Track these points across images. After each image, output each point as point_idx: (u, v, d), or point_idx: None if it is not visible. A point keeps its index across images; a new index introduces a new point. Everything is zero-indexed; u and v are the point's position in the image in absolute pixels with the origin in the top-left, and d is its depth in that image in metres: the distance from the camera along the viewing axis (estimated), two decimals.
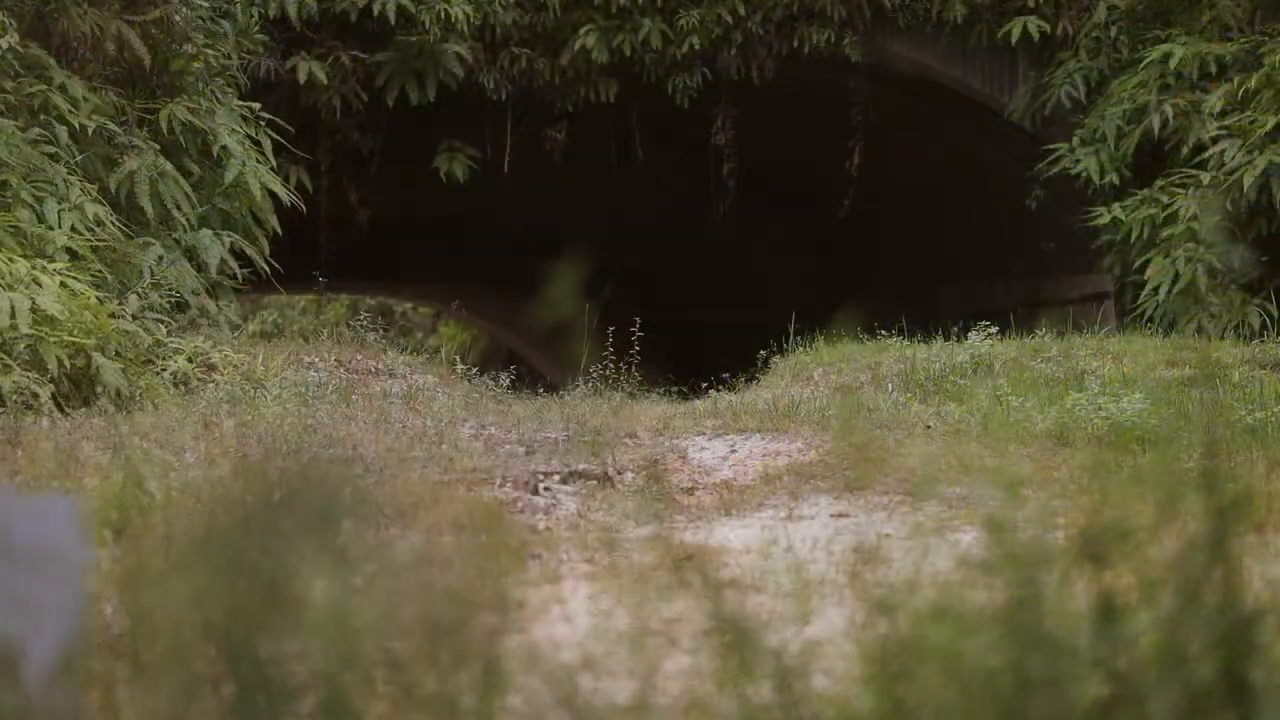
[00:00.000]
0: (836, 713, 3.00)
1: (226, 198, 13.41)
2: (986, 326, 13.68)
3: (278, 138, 14.42)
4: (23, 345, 9.78)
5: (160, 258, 12.39)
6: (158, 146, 13.01)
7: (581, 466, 9.06)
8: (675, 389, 14.77)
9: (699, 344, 25.07)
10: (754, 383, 13.82)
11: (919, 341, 14.08)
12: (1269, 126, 15.60)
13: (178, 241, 12.84)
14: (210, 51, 13.92)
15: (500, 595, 3.47)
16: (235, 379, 11.20)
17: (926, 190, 21.10)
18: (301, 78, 16.42)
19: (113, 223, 12.03)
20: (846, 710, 2.99)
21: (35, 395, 9.42)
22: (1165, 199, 16.25)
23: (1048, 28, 17.77)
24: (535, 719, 3.14)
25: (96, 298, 10.79)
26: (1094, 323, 16.01)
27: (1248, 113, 15.99)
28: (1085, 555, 2.97)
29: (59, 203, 11.68)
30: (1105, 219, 16.62)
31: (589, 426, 10.54)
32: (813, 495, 8.38)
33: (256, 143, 14.02)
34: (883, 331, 14.49)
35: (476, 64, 17.14)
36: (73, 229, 11.60)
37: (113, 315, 10.68)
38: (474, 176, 18.15)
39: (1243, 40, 16.71)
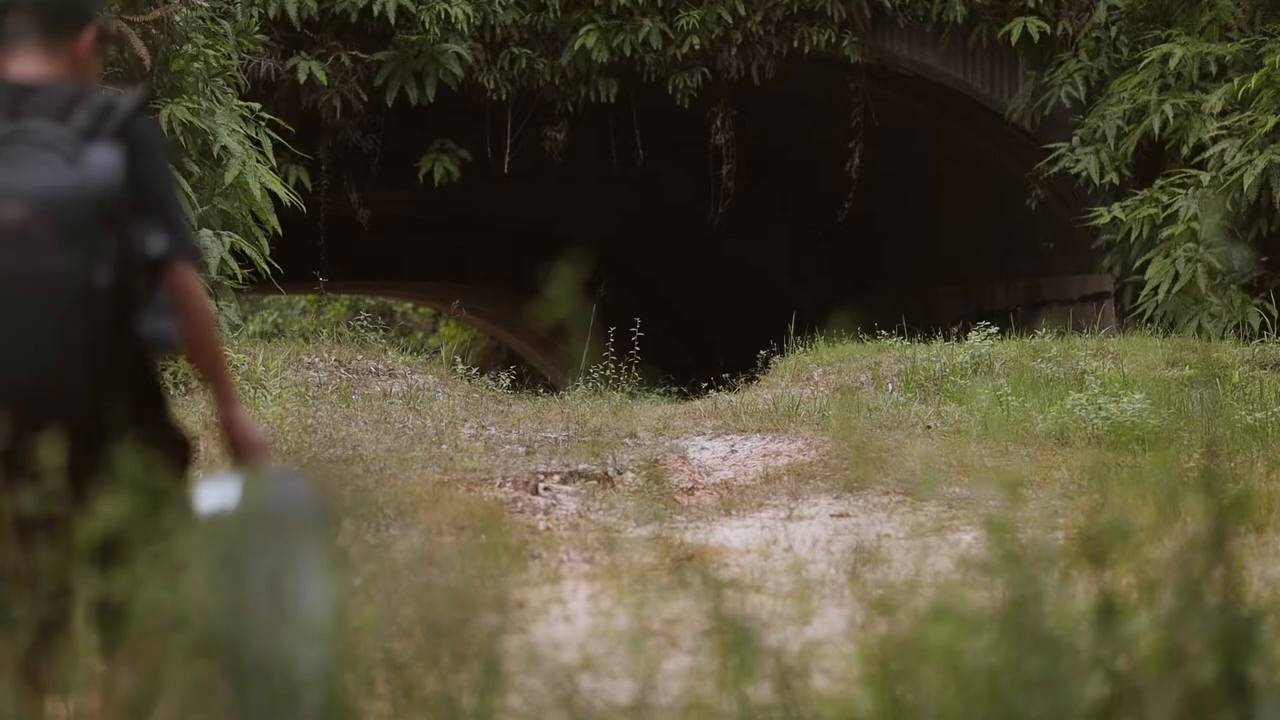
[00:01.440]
0: (836, 713, 3.00)
1: (226, 198, 13.41)
2: (986, 326, 13.68)
3: (278, 138, 14.42)
4: None
5: None
6: None
7: (581, 466, 9.06)
8: (675, 389, 14.77)
9: (699, 344, 25.07)
10: (754, 383, 13.83)
11: (919, 341, 14.09)
12: (1269, 126, 15.60)
13: None
14: (210, 52, 13.91)
15: (500, 595, 3.47)
16: (235, 379, 11.18)
17: (926, 190, 21.10)
18: (301, 78, 16.42)
19: None
20: (846, 710, 2.99)
21: None
22: (1165, 199, 16.25)
23: (1048, 28, 17.77)
24: (535, 719, 3.14)
25: None
26: (1094, 323, 16.02)
27: (1248, 113, 15.99)
28: (1085, 555, 2.97)
29: None
30: (1105, 219, 16.62)
31: (589, 426, 10.55)
32: (813, 495, 8.38)
33: (256, 143, 14.01)
34: (883, 331, 14.49)
35: (476, 64, 17.14)
36: None
37: None
38: (474, 176, 18.15)
39: (1243, 40, 16.71)
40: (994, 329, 13.61)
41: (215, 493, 3.30)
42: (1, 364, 3.24)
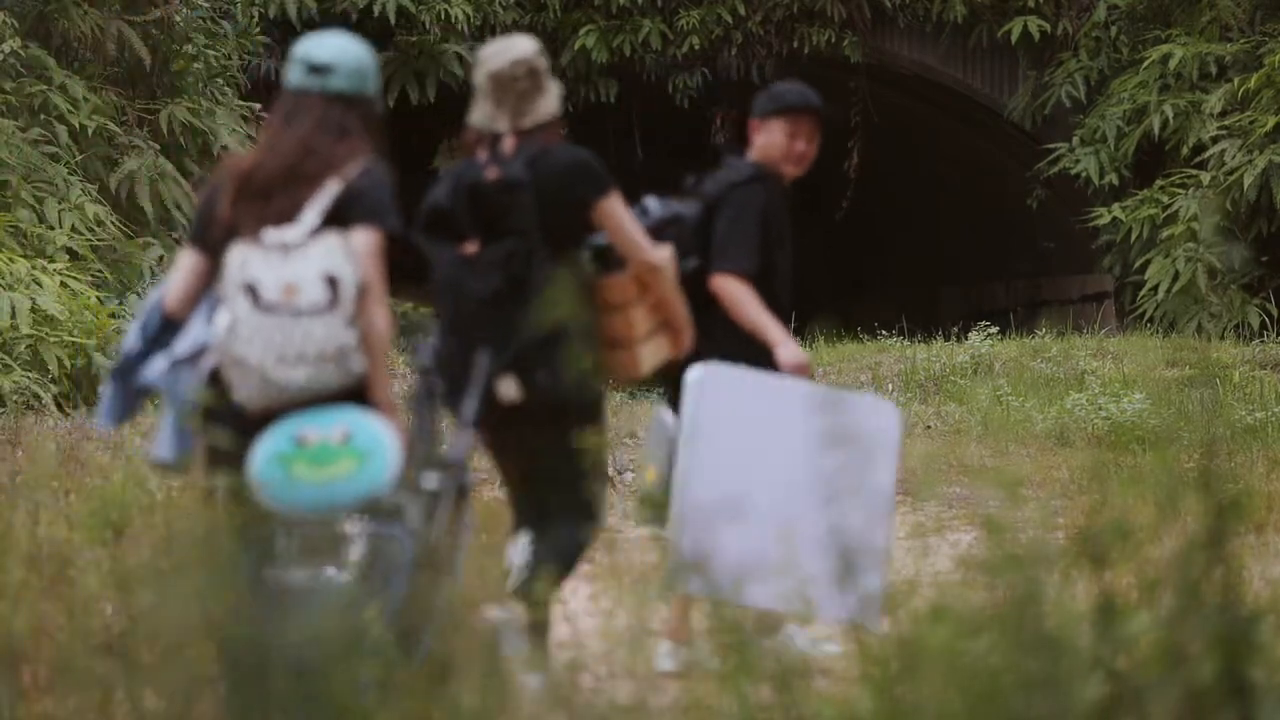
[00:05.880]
0: (836, 713, 3.01)
1: None
2: (986, 326, 13.69)
3: None
4: (23, 345, 9.77)
5: (160, 258, 12.39)
6: (158, 146, 13.01)
7: None
8: None
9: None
10: None
11: (919, 341, 14.09)
12: (1269, 126, 15.60)
13: (178, 241, 12.84)
14: (210, 52, 13.92)
15: (502, 595, 3.47)
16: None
17: (926, 190, 21.09)
18: None
19: (113, 223, 12.03)
20: (846, 710, 2.99)
21: (37, 396, 9.42)
22: (1165, 199, 16.25)
23: (1048, 28, 17.77)
24: (535, 719, 3.15)
25: (97, 298, 10.78)
26: (1094, 323, 16.02)
27: (1248, 113, 15.99)
28: (1085, 555, 2.98)
29: (59, 203, 11.69)
30: (1105, 219, 16.62)
31: None
32: None
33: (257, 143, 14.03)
34: (883, 331, 14.50)
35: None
36: (73, 229, 11.59)
37: (113, 315, 10.67)
38: None
39: (1243, 40, 16.71)
40: (994, 329, 13.61)
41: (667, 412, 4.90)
42: None
